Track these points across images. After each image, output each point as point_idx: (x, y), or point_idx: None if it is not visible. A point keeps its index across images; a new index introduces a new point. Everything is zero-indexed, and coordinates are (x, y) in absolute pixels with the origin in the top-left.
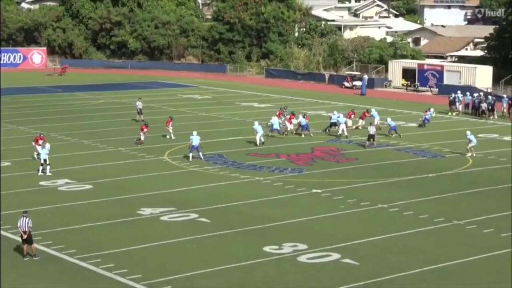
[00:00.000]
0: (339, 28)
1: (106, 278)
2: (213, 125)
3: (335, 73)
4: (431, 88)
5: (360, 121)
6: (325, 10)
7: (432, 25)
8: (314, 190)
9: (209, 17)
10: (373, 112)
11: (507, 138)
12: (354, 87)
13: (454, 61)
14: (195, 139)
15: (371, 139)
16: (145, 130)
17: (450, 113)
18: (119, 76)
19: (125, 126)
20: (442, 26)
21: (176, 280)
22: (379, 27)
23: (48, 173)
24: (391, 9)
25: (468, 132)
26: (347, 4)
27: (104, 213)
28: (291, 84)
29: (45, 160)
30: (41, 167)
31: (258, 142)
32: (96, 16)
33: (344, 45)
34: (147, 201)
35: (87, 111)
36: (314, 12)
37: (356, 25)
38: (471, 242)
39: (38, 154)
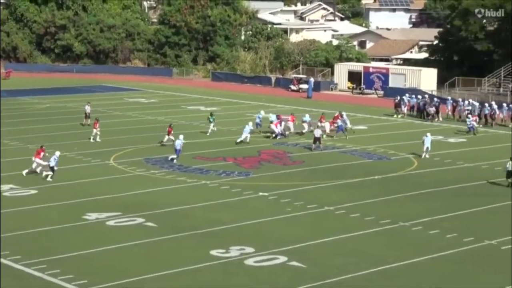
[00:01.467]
0: (285, 31)
1: (52, 284)
2: (160, 129)
3: (281, 76)
4: (377, 91)
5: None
6: (271, 13)
7: (377, 28)
8: (261, 193)
9: (155, 20)
10: (345, 116)
11: (452, 140)
12: (300, 90)
13: (399, 64)
14: (179, 143)
15: (317, 142)
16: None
17: (395, 116)
18: (64, 80)
19: (71, 131)
20: (387, 29)
21: (123, 285)
22: (325, 30)
23: (48, 179)
24: (336, 12)
25: (428, 134)
26: (293, 8)
27: (50, 218)
28: (238, 87)
29: (52, 167)
30: (47, 173)
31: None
32: (40, 19)
33: (290, 48)
34: (93, 205)
35: (32, 115)
36: (260, 15)
37: (302, 28)
38: (417, 243)
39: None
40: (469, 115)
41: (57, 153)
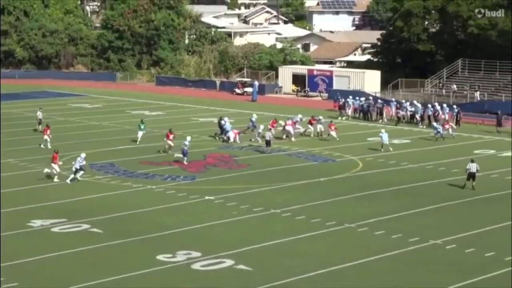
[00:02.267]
0: (229, 35)
1: None
2: (104, 134)
3: (226, 80)
4: (321, 93)
5: (309, 126)
6: (215, 17)
7: (321, 31)
8: (207, 197)
9: (98, 25)
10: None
11: (396, 141)
12: (245, 94)
13: (343, 66)
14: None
15: (268, 145)
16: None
17: (340, 118)
18: (6, 86)
19: (14, 137)
20: (331, 31)
21: None
22: (269, 34)
23: (68, 181)
24: (280, 16)
25: (383, 130)
26: (236, 11)
27: None
28: (182, 91)
29: (76, 169)
30: (73, 175)
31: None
32: None
33: (234, 52)
34: (37, 212)
35: None
36: (204, 19)
37: (246, 32)
38: (363, 244)
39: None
40: (435, 122)
41: (82, 155)
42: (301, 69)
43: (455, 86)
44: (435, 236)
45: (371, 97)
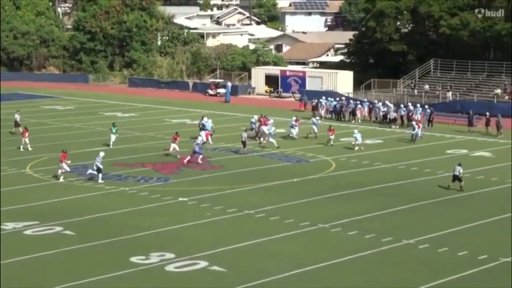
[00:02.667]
0: (201, 36)
1: None
2: (77, 136)
3: (199, 81)
4: (294, 94)
5: (263, 127)
6: (187, 18)
7: (294, 31)
8: (180, 199)
9: (69, 26)
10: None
11: (368, 141)
12: (218, 95)
13: (315, 67)
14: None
15: (244, 145)
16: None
17: (313, 118)
18: None
19: None
20: (303, 32)
21: None
22: (242, 35)
23: (100, 181)
24: (253, 17)
25: (356, 131)
26: (209, 12)
27: None
28: (155, 93)
29: (98, 168)
30: (100, 175)
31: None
32: None
33: (207, 53)
34: (9, 215)
35: None
36: (176, 20)
37: (219, 33)
38: (337, 244)
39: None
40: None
41: (101, 153)
42: (274, 70)
43: (427, 86)
44: (408, 236)
45: (343, 98)
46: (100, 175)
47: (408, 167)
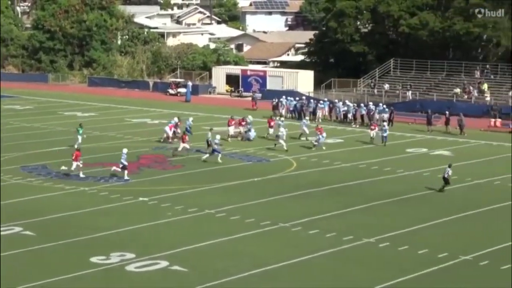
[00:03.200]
0: (162, 35)
1: None
2: (36, 136)
3: (159, 81)
4: (255, 94)
5: (241, 128)
6: (147, 17)
7: (254, 31)
8: (141, 198)
9: (28, 25)
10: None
11: (329, 141)
12: (178, 94)
13: (276, 67)
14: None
15: (209, 146)
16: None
17: (275, 118)
18: None
19: None
20: (264, 32)
21: None
22: (202, 34)
23: (126, 177)
24: (213, 16)
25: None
26: (169, 11)
27: None
28: (115, 92)
29: (124, 165)
30: (121, 170)
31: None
32: None
33: (167, 52)
34: None
35: None
36: (136, 19)
37: (179, 32)
38: (298, 244)
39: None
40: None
41: (124, 150)
42: (235, 70)
43: (387, 85)
44: (369, 234)
45: (304, 97)
46: (126, 171)
47: (368, 166)
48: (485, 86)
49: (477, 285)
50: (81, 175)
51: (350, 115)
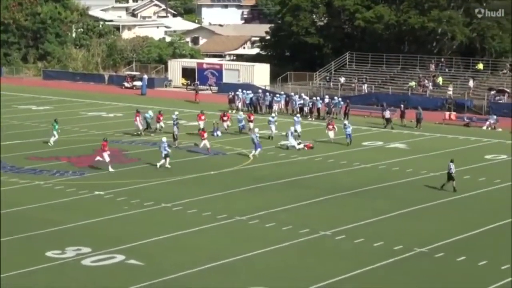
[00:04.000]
0: (117, 28)
1: None
2: None
3: (114, 74)
4: (211, 87)
5: (158, 125)
6: (102, 10)
7: (210, 24)
8: (96, 192)
9: None
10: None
11: (284, 133)
12: (134, 87)
13: (232, 60)
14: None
15: (175, 140)
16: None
17: (230, 111)
18: None
19: None
20: (220, 25)
21: None
22: (158, 27)
23: (167, 165)
24: (169, 9)
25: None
26: (124, 4)
27: None
28: (70, 85)
29: (166, 155)
30: (163, 161)
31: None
32: None
33: (123, 46)
34: None
35: None
36: (91, 12)
37: (135, 25)
38: (254, 237)
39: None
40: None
41: (163, 139)
42: (191, 63)
43: (343, 78)
44: (325, 227)
45: (260, 90)
46: (168, 159)
47: (325, 159)
48: (440, 80)
49: (433, 277)
50: (111, 169)
51: (306, 109)
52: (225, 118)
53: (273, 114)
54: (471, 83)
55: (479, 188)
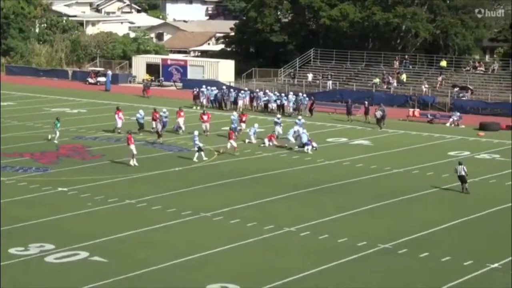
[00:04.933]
0: (81, 23)
1: None
2: None
3: (78, 69)
4: (175, 83)
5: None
6: (66, 5)
7: (175, 20)
8: (60, 189)
9: None
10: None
11: (248, 131)
12: (98, 83)
13: (197, 56)
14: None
15: (160, 137)
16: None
17: (194, 107)
18: None
19: None
20: (184, 21)
21: None
22: (122, 23)
23: (204, 158)
24: (133, 5)
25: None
26: (88, 0)
27: None
28: (33, 81)
29: (199, 147)
30: (198, 154)
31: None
32: None
33: (86, 41)
34: None
35: None
36: (55, 7)
37: (99, 21)
38: (219, 233)
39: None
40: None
41: (195, 132)
42: (155, 59)
43: (311, 75)
44: (289, 223)
45: (224, 87)
46: (203, 153)
47: (289, 155)
48: (403, 77)
49: (396, 272)
50: (132, 163)
51: (271, 105)
52: (205, 118)
53: (278, 115)
54: (439, 79)
55: (442, 184)
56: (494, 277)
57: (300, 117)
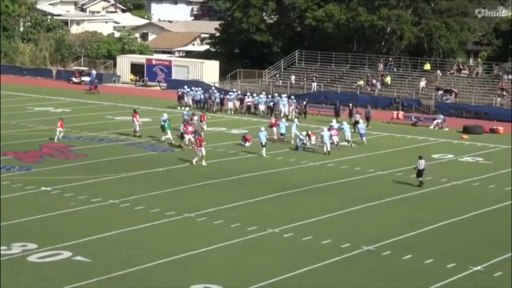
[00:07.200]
0: (65, 22)
1: None
2: None
3: (62, 69)
4: (160, 83)
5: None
6: (51, 4)
7: (160, 20)
8: (43, 188)
9: None
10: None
11: (235, 131)
12: (82, 83)
13: (181, 56)
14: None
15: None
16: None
17: (179, 108)
18: None
19: None
20: (169, 21)
21: None
22: (107, 22)
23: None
24: (118, 4)
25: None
26: None
27: None
28: (17, 80)
29: (265, 143)
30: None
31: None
32: None
33: (71, 40)
34: None
35: None
36: (39, 6)
37: (83, 20)
38: (203, 234)
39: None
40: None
41: (262, 128)
42: (140, 59)
43: (293, 77)
44: (273, 224)
45: (213, 87)
46: (264, 149)
47: (274, 156)
48: (388, 79)
49: (379, 274)
50: (195, 162)
51: (261, 107)
52: (189, 129)
53: (295, 119)
54: (422, 83)
55: (426, 187)
56: (477, 279)
57: (296, 120)
